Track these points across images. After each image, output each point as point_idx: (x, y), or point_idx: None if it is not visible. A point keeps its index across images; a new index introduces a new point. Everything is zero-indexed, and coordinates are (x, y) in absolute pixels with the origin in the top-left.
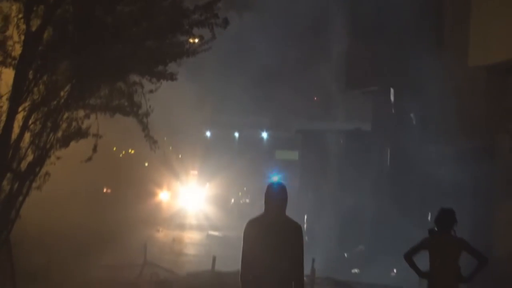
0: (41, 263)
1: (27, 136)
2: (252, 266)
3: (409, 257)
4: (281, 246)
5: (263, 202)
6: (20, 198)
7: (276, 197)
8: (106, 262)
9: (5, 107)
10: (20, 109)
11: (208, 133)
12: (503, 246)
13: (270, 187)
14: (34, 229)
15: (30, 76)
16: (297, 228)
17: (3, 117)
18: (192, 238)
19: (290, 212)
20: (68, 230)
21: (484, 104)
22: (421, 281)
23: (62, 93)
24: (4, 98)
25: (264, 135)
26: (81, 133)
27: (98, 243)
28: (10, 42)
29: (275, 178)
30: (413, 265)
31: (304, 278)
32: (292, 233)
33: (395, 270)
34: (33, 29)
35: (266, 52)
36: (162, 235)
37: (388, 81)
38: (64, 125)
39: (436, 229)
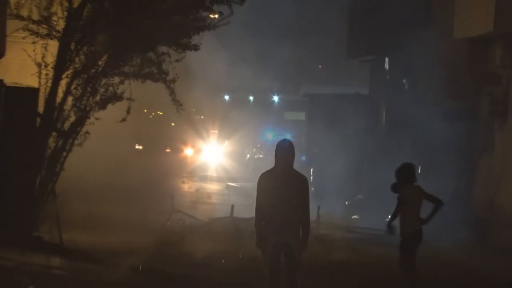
0: (82, 211)
1: (69, 100)
2: (264, 212)
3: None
4: (290, 194)
5: (274, 157)
6: (64, 154)
7: (284, 152)
8: (139, 209)
9: (50, 75)
10: (63, 76)
11: (226, 97)
12: (483, 194)
13: (280, 144)
14: (76, 181)
15: (72, 47)
16: (303, 179)
17: (49, 84)
18: (213, 188)
19: (296, 165)
20: (106, 181)
21: (467, 70)
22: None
23: (100, 62)
24: (50, 67)
25: (275, 98)
26: (116, 97)
27: (132, 192)
28: (54, 18)
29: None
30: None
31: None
32: (299, 184)
33: (389, 217)
34: (75, 6)
35: (275, 24)
36: (187, 186)
37: (383, 51)
38: (101, 90)
39: (397, 181)
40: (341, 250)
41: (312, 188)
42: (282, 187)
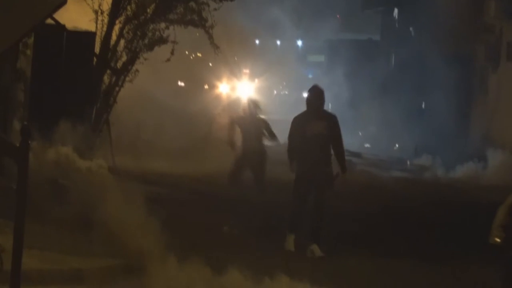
0: (132, 139)
1: (122, 42)
2: (298, 147)
3: None
4: (322, 130)
5: (297, 93)
6: (116, 89)
7: (315, 97)
8: (181, 136)
9: (106, 21)
10: (117, 22)
11: (257, 41)
12: (478, 128)
13: (311, 90)
14: (128, 113)
15: None
16: (334, 117)
17: (104, 28)
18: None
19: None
20: (152, 113)
21: (467, 20)
22: None
23: (148, 10)
24: (105, 14)
25: (299, 43)
26: (162, 40)
27: (174, 122)
28: None
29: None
30: None
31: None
32: (330, 121)
33: (397, 145)
34: None
35: None
36: (222, 118)
37: (393, 2)
38: (149, 34)
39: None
40: (357, 173)
41: None
42: (314, 125)
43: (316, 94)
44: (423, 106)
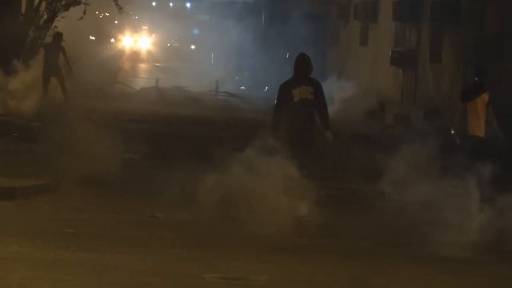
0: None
1: (43, 3)
2: (285, 111)
3: None
4: (307, 95)
5: (186, 45)
6: (39, 41)
7: (301, 64)
8: (95, 80)
9: None
10: None
11: (153, 3)
12: (333, 71)
13: (298, 58)
14: None
15: None
16: (318, 83)
17: None
18: (143, 67)
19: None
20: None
21: None
22: None
23: None
24: None
25: (188, 4)
26: (76, 2)
27: (88, 68)
28: None
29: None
30: None
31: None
32: (314, 87)
33: (266, 88)
34: None
35: None
36: (125, 65)
37: None
38: None
39: None
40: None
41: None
42: (302, 91)
43: (303, 61)
44: (287, 56)
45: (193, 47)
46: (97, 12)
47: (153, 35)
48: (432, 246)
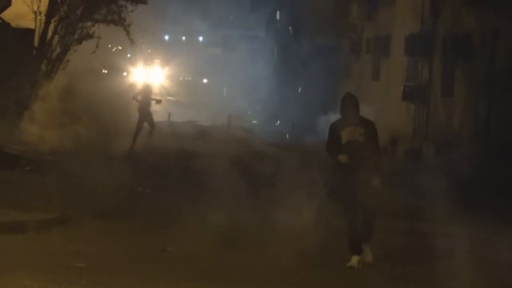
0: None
1: (56, 37)
2: (335, 147)
3: None
4: (359, 137)
5: (198, 79)
6: (52, 75)
7: (349, 106)
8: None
9: (43, 20)
10: (52, 21)
11: (166, 37)
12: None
13: (345, 98)
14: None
15: (59, 1)
16: (371, 122)
17: (42, 26)
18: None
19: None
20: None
21: (334, 20)
22: None
23: (78, 11)
24: (43, 14)
25: (200, 38)
26: (89, 36)
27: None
28: None
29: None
30: None
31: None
32: (365, 126)
33: (278, 121)
34: None
35: None
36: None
37: (275, 5)
38: (79, 31)
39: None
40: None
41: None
42: (348, 131)
43: (348, 101)
44: (299, 90)
45: (205, 80)
46: (109, 46)
47: (166, 68)
48: None
